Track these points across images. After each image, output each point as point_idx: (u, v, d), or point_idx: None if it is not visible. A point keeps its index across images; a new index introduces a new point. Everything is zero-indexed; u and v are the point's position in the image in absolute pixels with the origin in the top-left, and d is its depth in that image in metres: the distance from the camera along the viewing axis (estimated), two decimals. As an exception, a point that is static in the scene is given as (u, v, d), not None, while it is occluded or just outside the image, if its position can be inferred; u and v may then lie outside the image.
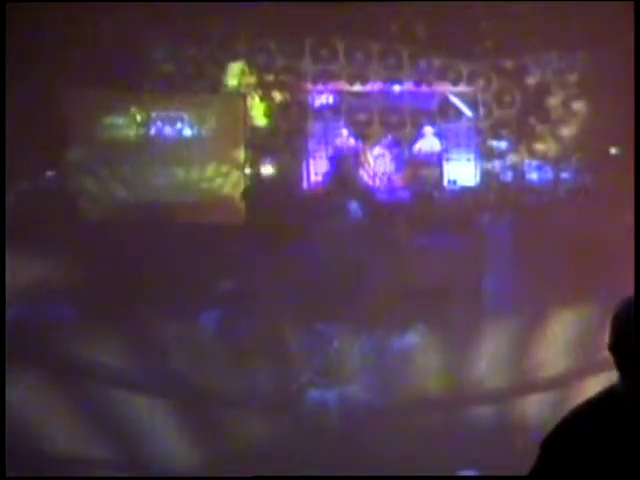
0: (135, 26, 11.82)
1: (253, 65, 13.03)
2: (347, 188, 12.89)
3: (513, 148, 13.25)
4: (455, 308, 11.53)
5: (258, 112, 13.17)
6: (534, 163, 13.19)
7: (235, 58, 12.99)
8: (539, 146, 13.16)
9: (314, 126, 13.30)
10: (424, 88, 13.25)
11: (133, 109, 12.80)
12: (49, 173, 12.45)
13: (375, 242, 12.15)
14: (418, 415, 11.19)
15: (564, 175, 13.14)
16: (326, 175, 13.22)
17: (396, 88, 13.26)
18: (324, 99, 13.35)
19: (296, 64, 13.09)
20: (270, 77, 13.10)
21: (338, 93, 13.31)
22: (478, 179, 13.25)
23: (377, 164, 13.26)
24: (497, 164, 13.26)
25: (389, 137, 13.34)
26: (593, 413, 3.51)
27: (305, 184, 13.12)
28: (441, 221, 12.45)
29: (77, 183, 12.46)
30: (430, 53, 13.05)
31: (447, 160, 13.33)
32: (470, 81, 13.22)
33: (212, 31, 12.74)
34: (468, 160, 13.34)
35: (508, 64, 13.11)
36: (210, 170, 12.82)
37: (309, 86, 13.24)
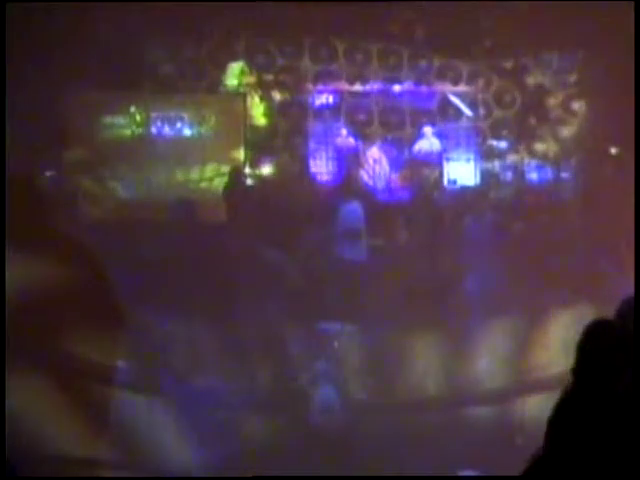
0: (135, 26, 11.81)
1: (253, 65, 13.04)
2: (347, 188, 12.89)
3: (513, 148, 13.25)
4: (455, 308, 11.53)
5: (258, 112, 13.17)
6: (534, 163, 13.19)
7: (235, 58, 13.00)
8: (539, 146, 13.17)
9: (314, 126, 13.31)
10: (424, 88, 13.26)
11: (133, 109, 12.81)
12: (49, 173, 12.45)
13: (375, 242, 12.15)
14: (418, 415, 11.19)
15: (564, 175, 13.14)
16: (326, 175, 13.23)
17: (396, 88, 13.27)
18: (324, 99, 13.36)
19: (296, 64, 13.09)
20: (270, 77, 13.11)
21: (338, 93, 13.31)
22: (478, 179, 13.26)
23: (377, 164, 13.26)
24: (497, 164, 13.26)
25: (389, 137, 13.35)
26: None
27: (305, 184, 13.13)
28: (441, 221, 12.45)
29: (77, 183, 12.47)
30: (430, 53, 13.06)
31: (447, 160, 13.33)
32: (470, 81, 13.22)
33: (212, 31, 12.74)
34: (468, 160, 13.34)
35: (508, 64, 13.12)
36: (210, 170, 12.83)
37: (309, 86, 13.25)
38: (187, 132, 12.91)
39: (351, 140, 13.29)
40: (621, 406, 3.54)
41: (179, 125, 12.85)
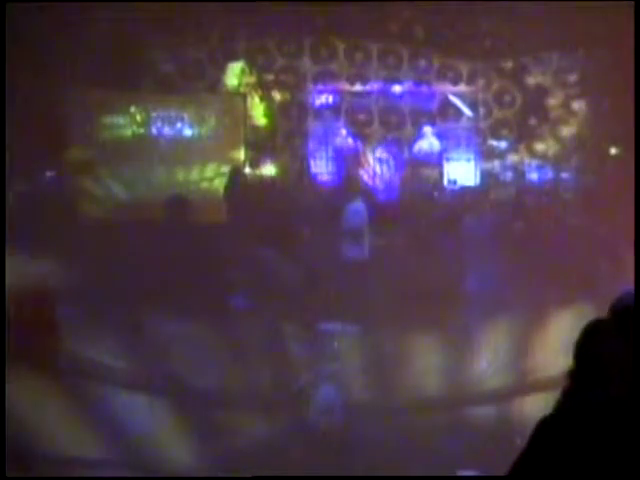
0: (135, 26, 11.82)
1: (253, 65, 13.05)
2: (347, 188, 12.88)
3: (513, 148, 13.26)
4: (455, 308, 11.53)
5: (258, 112, 13.17)
6: (534, 163, 13.19)
7: (235, 58, 13.00)
8: (539, 146, 13.17)
9: (314, 126, 13.31)
10: (424, 88, 13.26)
11: (133, 109, 12.81)
12: (49, 173, 12.46)
13: (375, 242, 12.14)
14: (418, 415, 11.18)
15: (564, 175, 13.15)
16: (326, 175, 13.23)
17: (396, 88, 13.27)
18: (324, 99, 13.36)
19: (296, 64, 13.10)
20: (270, 77, 13.12)
21: (338, 93, 13.32)
22: (478, 179, 13.26)
23: (377, 164, 13.26)
24: (497, 164, 13.27)
25: (389, 137, 13.35)
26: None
27: (305, 184, 13.13)
28: (441, 221, 12.45)
29: (77, 183, 12.47)
30: (430, 53, 13.06)
31: (447, 160, 13.33)
32: (470, 81, 13.23)
33: (212, 31, 12.74)
34: (468, 160, 13.34)
35: (508, 64, 13.12)
36: (210, 170, 12.83)
37: (309, 86, 13.25)
38: (187, 132, 12.91)
39: (351, 140, 13.29)
40: (615, 408, 3.54)
41: (179, 125, 12.85)
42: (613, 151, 12.66)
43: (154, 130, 12.82)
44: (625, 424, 3.47)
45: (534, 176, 13.18)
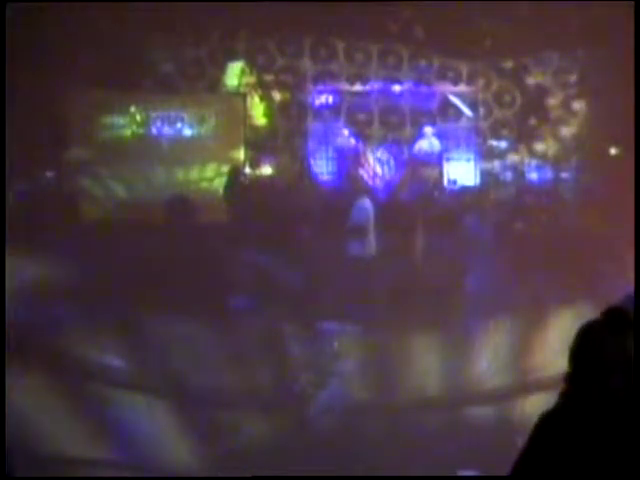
0: (135, 26, 11.82)
1: (253, 65, 13.05)
2: (347, 188, 12.88)
3: (513, 148, 13.26)
4: (455, 308, 11.52)
5: (258, 112, 13.17)
6: (534, 163, 13.20)
7: (235, 58, 13.01)
8: (539, 146, 13.17)
9: (314, 126, 13.31)
10: (424, 88, 13.26)
11: (133, 109, 12.81)
12: (49, 173, 12.46)
13: (375, 242, 12.14)
14: (418, 415, 11.18)
15: (564, 175, 13.15)
16: (326, 175, 13.23)
17: (396, 88, 13.27)
18: (324, 99, 13.36)
19: (296, 64, 13.10)
20: (270, 77, 13.12)
21: (338, 93, 13.31)
22: (478, 179, 13.26)
23: (377, 164, 13.26)
24: (497, 164, 13.27)
25: (389, 137, 13.35)
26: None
27: (305, 184, 13.13)
28: (441, 221, 12.45)
29: (77, 183, 12.48)
30: (430, 53, 13.06)
31: (447, 160, 13.33)
32: (470, 81, 13.23)
33: (212, 31, 12.75)
34: (468, 160, 13.34)
35: (508, 64, 13.12)
36: (210, 170, 12.83)
37: (309, 86, 13.25)
38: (187, 132, 12.91)
39: (351, 140, 13.29)
40: (615, 399, 3.54)
41: (179, 125, 12.85)
42: (613, 151, 12.66)
43: (154, 130, 12.82)
44: (625, 414, 3.47)
45: (534, 176, 13.18)
